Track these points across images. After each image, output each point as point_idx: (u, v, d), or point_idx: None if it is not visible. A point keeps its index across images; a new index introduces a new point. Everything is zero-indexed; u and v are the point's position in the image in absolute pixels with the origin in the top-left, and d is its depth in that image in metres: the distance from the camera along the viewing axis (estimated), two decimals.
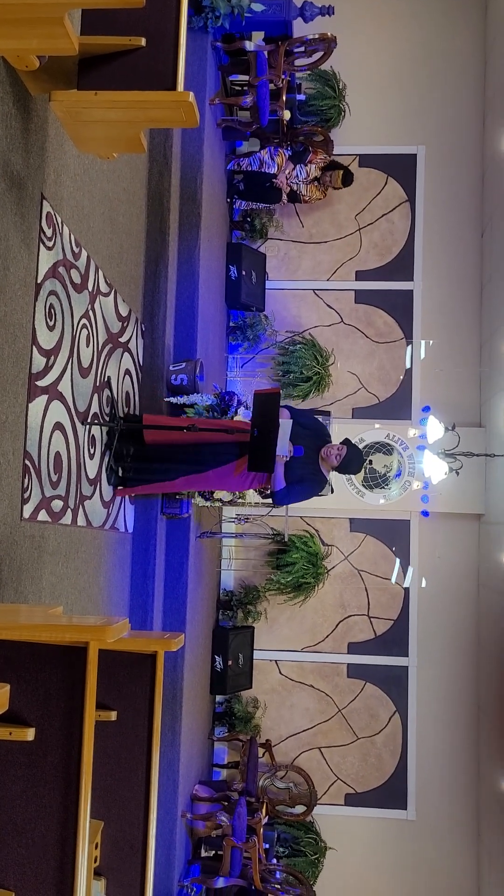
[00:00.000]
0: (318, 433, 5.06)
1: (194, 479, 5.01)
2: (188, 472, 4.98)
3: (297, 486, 4.99)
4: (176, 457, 4.95)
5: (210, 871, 6.22)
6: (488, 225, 7.90)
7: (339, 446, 4.96)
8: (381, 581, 7.93)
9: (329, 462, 4.97)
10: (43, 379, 3.88)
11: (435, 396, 7.96)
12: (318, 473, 5.04)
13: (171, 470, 4.99)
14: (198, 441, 4.93)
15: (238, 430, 4.91)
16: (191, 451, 4.94)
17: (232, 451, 4.94)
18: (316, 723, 7.84)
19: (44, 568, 3.95)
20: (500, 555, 7.00)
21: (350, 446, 4.97)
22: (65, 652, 2.24)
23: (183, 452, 4.95)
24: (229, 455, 4.95)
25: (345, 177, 7.62)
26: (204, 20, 6.41)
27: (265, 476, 4.91)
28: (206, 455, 4.95)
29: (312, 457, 4.98)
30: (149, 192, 5.77)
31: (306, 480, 5.01)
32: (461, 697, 7.84)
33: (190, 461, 4.96)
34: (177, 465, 4.98)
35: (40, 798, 2.26)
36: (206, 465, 4.95)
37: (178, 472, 5.00)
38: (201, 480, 5.02)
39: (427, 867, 7.70)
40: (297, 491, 5.03)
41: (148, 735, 2.85)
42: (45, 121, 3.76)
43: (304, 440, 4.91)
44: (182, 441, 4.93)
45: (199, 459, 4.96)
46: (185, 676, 6.02)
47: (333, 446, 4.97)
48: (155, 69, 3.25)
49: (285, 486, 4.90)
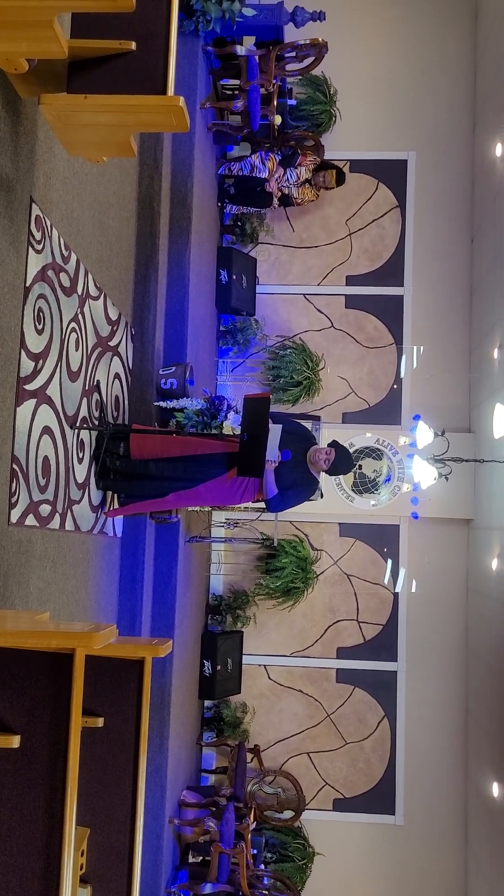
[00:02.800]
0: (304, 437, 5.06)
1: (185, 494, 4.93)
2: (178, 488, 4.93)
3: (290, 492, 4.98)
4: (164, 473, 4.90)
5: (198, 877, 6.19)
6: (478, 231, 7.92)
7: (327, 449, 4.95)
8: (370, 586, 7.93)
9: (318, 465, 4.97)
10: (31, 383, 3.87)
11: (424, 402, 7.97)
12: (308, 476, 5.03)
13: (159, 487, 4.94)
14: (185, 455, 4.89)
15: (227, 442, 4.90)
16: (179, 465, 4.90)
17: (221, 464, 4.91)
18: (304, 728, 7.83)
19: (31, 573, 3.93)
20: (489, 559, 7.01)
21: (338, 448, 4.97)
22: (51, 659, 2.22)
23: (171, 468, 4.90)
24: (219, 468, 4.91)
25: (338, 176, 7.63)
26: (195, 24, 6.41)
27: (256, 487, 4.87)
28: (194, 469, 4.89)
29: (300, 459, 4.97)
30: (139, 196, 5.76)
31: (298, 485, 5.01)
32: (450, 702, 7.84)
33: (179, 477, 4.91)
34: (166, 482, 4.92)
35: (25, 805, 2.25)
36: (196, 480, 4.90)
37: (169, 489, 4.93)
38: (192, 496, 4.95)
39: (415, 872, 7.69)
40: (291, 496, 5.02)
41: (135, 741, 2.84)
42: (35, 124, 3.75)
43: (291, 444, 4.90)
44: (169, 455, 4.89)
45: (188, 474, 4.89)
46: (173, 681, 6.00)
47: (321, 450, 4.96)
48: (145, 73, 3.24)
49: (277, 492, 4.88)
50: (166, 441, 4.98)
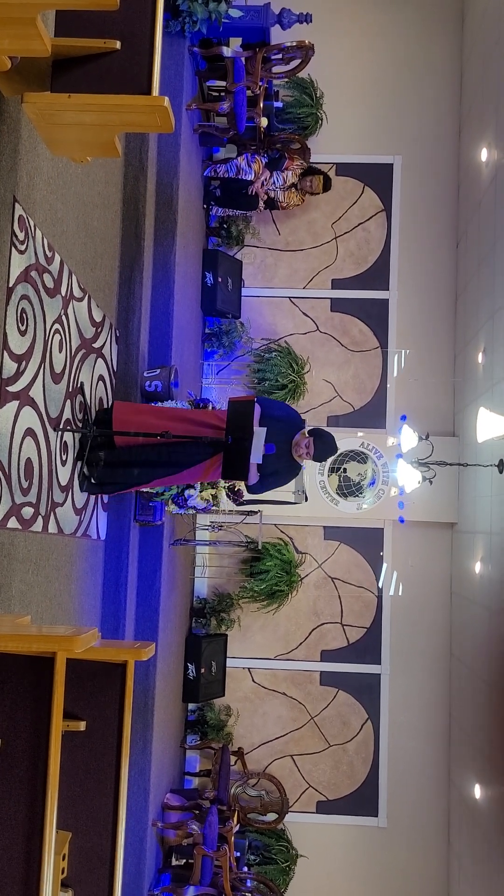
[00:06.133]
0: (290, 422, 5.05)
1: (168, 479, 5.00)
2: (162, 475, 4.95)
3: (272, 478, 5.00)
4: (149, 460, 4.91)
5: (181, 880, 6.17)
6: (463, 236, 7.95)
7: (307, 441, 4.96)
8: (354, 589, 7.93)
9: (301, 456, 5.00)
10: (14, 384, 3.84)
11: (409, 406, 7.99)
12: (290, 463, 5.07)
13: (143, 474, 4.95)
14: (170, 441, 4.88)
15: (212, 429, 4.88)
16: (164, 452, 4.90)
17: (205, 451, 4.91)
18: (288, 730, 7.82)
19: (13, 576, 3.90)
20: (473, 563, 7.03)
21: (317, 436, 4.98)
22: (32, 662, 2.21)
23: (156, 454, 4.90)
24: (202, 454, 4.92)
25: (325, 182, 7.64)
26: (181, 24, 6.39)
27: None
28: (179, 455, 4.92)
29: (285, 448, 4.99)
30: (124, 197, 5.74)
31: (279, 473, 5.05)
32: (433, 705, 7.85)
33: (163, 464, 4.93)
34: (150, 470, 4.94)
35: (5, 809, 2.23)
36: (180, 466, 4.92)
37: (152, 476, 4.96)
38: (174, 478, 5.01)
39: (398, 874, 7.70)
40: (272, 482, 5.04)
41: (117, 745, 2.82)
42: (18, 122, 3.73)
43: (277, 435, 4.90)
44: (154, 441, 4.88)
45: (172, 461, 4.92)
46: (157, 684, 5.98)
47: (301, 440, 4.98)
48: (130, 73, 3.23)
49: (258, 480, 4.89)
50: (151, 411, 4.99)
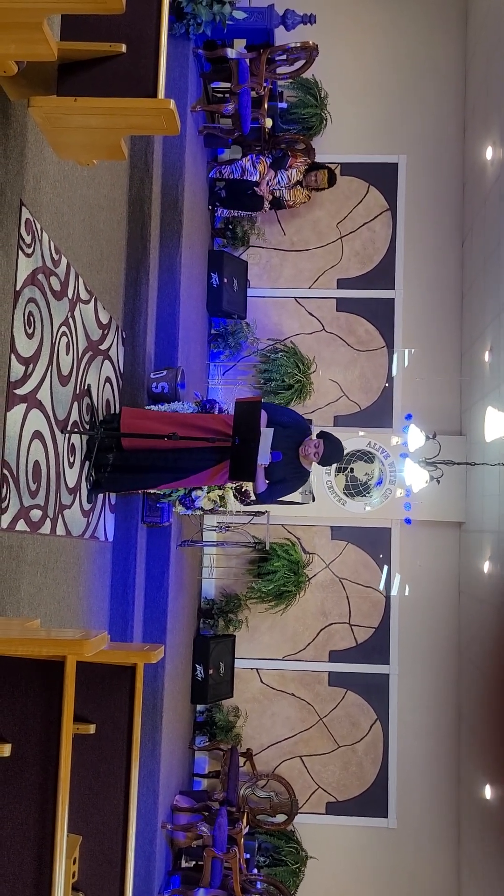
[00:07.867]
0: (297, 429, 5.05)
1: (174, 483, 5.00)
2: (169, 480, 4.97)
3: (280, 485, 5.00)
4: (156, 465, 4.92)
5: (190, 882, 6.16)
6: (469, 234, 7.93)
7: (316, 442, 4.96)
8: (362, 589, 7.92)
9: (309, 459, 4.99)
10: (22, 387, 3.84)
11: (416, 405, 7.97)
12: (299, 470, 5.07)
13: (151, 479, 4.96)
14: (177, 447, 4.89)
15: (220, 435, 4.88)
16: (171, 457, 4.90)
17: (211, 457, 4.92)
18: (297, 731, 7.81)
19: (22, 578, 3.91)
20: (481, 562, 7.01)
21: (326, 439, 4.98)
22: (42, 666, 2.20)
23: (163, 460, 4.91)
24: (209, 461, 4.93)
25: (330, 176, 7.62)
26: (186, 27, 6.39)
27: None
28: (186, 461, 4.92)
29: (291, 455, 4.98)
30: (130, 199, 5.74)
31: (287, 480, 5.04)
32: (442, 705, 7.84)
33: (170, 469, 4.93)
34: (157, 475, 4.94)
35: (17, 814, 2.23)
36: (187, 472, 4.93)
37: (160, 481, 4.98)
38: (181, 483, 5.02)
39: (408, 875, 7.68)
40: (280, 489, 5.04)
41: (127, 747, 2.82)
42: (25, 126, 3.73)
43: (284, 441, 4.90)
44: (161, 447, 4.89)
45: (179, 466, 4.93)
46: (165, 686, 5.98)
47: (310, 442, 4.97)
48: (135, 76, 3.23)
49: (266, 487, 4.89)
50: (159, 417, 5.00)
